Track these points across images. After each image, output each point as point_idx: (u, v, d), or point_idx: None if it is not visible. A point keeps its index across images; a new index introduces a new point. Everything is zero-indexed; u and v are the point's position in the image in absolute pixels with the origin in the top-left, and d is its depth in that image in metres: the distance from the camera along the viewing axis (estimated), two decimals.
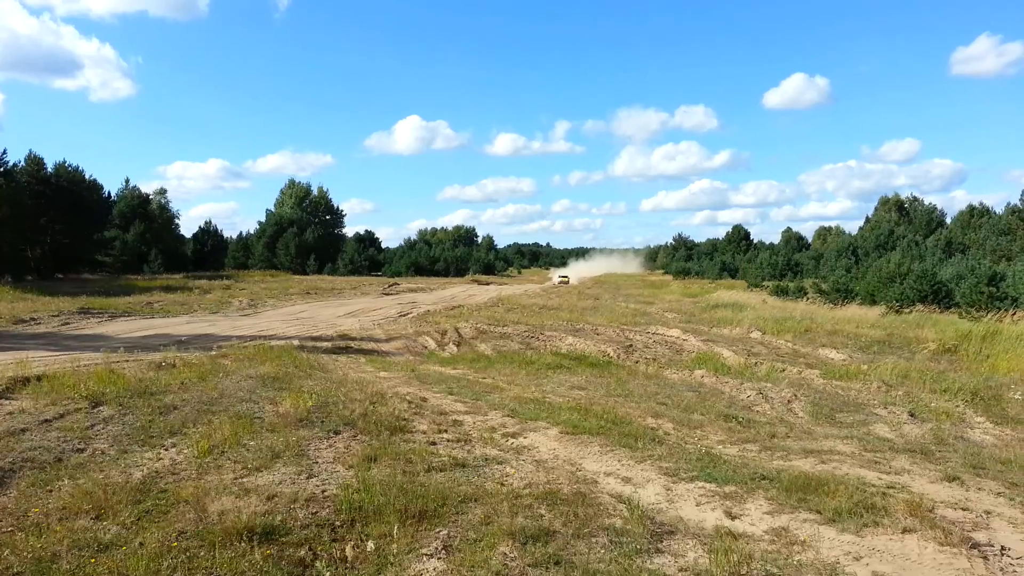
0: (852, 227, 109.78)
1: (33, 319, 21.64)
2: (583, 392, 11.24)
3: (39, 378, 9.88)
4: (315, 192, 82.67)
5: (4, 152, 47.45)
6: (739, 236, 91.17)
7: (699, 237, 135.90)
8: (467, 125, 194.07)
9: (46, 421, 7.85)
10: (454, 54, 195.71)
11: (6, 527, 5.01)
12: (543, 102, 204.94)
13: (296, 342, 16.61)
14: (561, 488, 5.96)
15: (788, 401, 11.46)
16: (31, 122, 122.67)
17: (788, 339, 20.05)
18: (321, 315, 26.67)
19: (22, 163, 49.51)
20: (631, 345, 17.82)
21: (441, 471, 6.42)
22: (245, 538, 4.76)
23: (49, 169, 51.12)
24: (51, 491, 5.77)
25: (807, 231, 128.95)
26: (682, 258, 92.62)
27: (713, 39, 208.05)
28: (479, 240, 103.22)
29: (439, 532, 5.04)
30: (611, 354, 16.46)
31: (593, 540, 4.88)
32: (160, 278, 51.41)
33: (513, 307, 28.69)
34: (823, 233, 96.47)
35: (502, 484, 6.09)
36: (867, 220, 74.98)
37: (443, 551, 4.73)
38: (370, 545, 4.78)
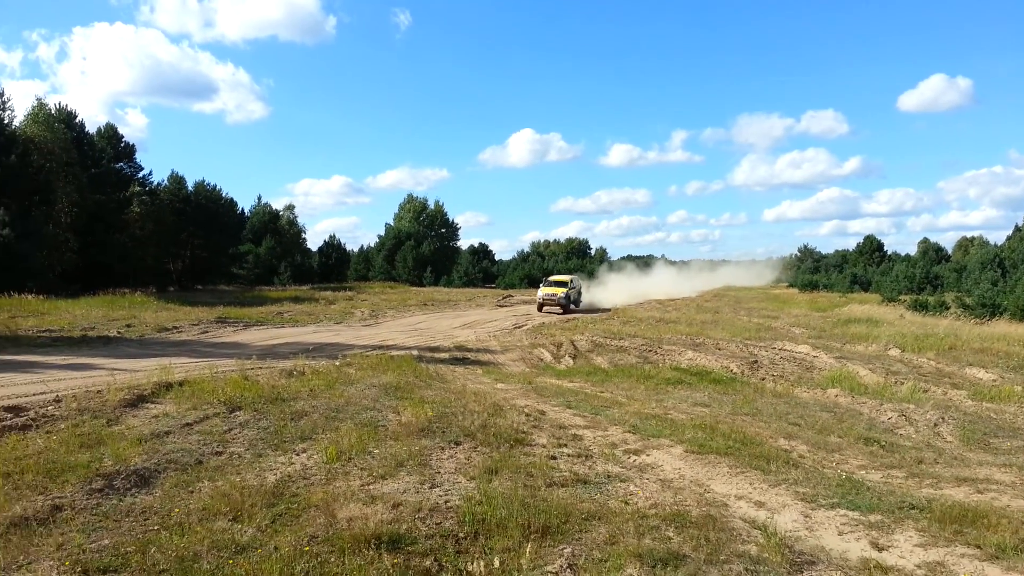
0: (997, 237, 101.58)
1: (175, 327, 23.19)
2: (707, 409, 10.82)
3: (181, 383, 10.52)
4: (431, 206, 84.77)
5: (149, 172, 51.70)
6: (872, 247, 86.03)
7: (826, 248, 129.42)
8: (580, 137, 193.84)
9: (188, 424, 8.32)
10: (568, 67, 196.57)
11: (152, 525, 5.28)
12: (659, 111, 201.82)
13: (415, 352, 16.96)
14: (689, 510, 5.70)
15: (935, 424, 10.60)
16: (173, 144, 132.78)
17: (930, 357, 18.63)
18: (438, 326, 27.21)
19: (165, 182, 53.61)
20: (756, 361, 17.08)
21: (563, 486, 6.30)
22: (373, 545, 4.81)
23: (189, 188, 55.00)
24: (192, 492, 6.06)
25: (947, 242, 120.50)
26: (808, 270, 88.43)
27: (844, 41, 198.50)
28: (592, 252, 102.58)
29: (563, 549, 4.91)
30: (735, 370, 15.84)
31: (727, 567, 4.61)
32: (289, 290, 54.12)
33: (629, 320, 28.23)
34: (964, 244, 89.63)
35: (626, 503, 5.90)
36: (1016, 230, 69.00)
37: (568, 570, 4.60)
38: (495, 561, 4.71)
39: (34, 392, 10.45)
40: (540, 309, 35.57)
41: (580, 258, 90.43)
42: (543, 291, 36.33)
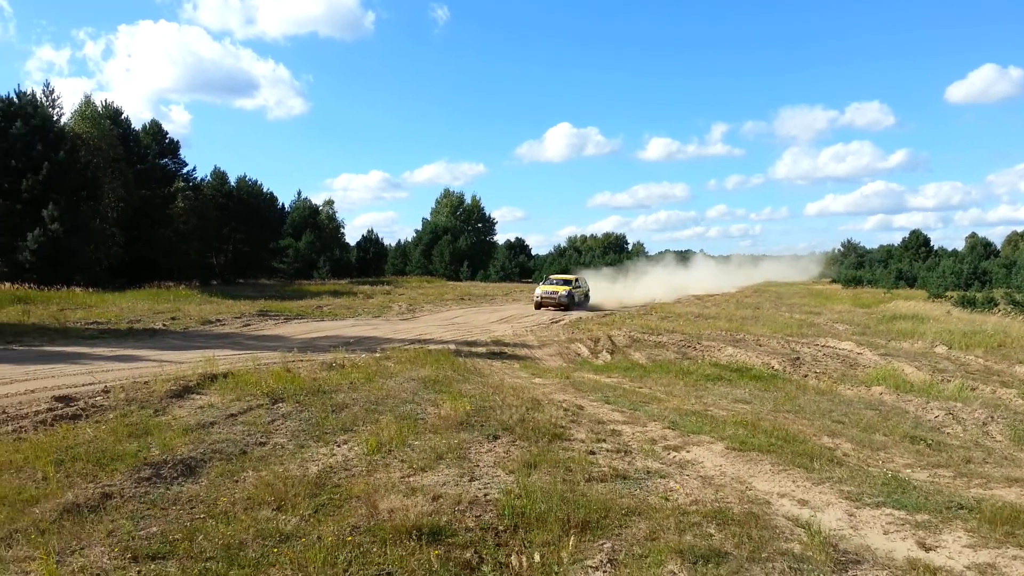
0: None
1: (218, 320, 23.64)
2: (748, 406, 10.68)
3: (225, 375, 10.72)
4: (468, 201, 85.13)
5: (193, 168, 52.95)
6: (917, 242, 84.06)
7: (871, 243, 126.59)
8: (618, 131, 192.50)
9: (232, 415, 8.47)
10: (605, 60, 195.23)
11: (198, 514, 5.39)
12: (698, 105, 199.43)
13: (452, 347, 17.05)
14: (731, 507, 5.63)
15: (983, 423, 10.32)
16: (215, 140, 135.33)
17: (978, 354, 18.14)
18: (475, 320, 27.32)
19: (208, 178, 54.63)
20: (798, 358, 16.80)
21: (602, 482, 6.27)
22: (414, 537, 4.84)
23: (231, 183, 55.97)
24: (237, 482, 6.17)
25: (996, 237, 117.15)
26: (852, 265, 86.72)
27: (890, 31, 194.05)
28: (629, 247, 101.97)
29: (603, 544, 4.89)
30: (776, 367, 15.60)
31: (770, 565, 4.54)
32: (328, 284, 54.81)
33: (667, 315, 27.99)
34: (1015, 239, 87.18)
35: (666, 499, 5.85)
36: None
37: (608, 564, 4.58)
38: (535, 555, 4.70)
39: (83, 383, 10.74)
40: (538, 307, 33.69)
41: (617, 253, 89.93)
42: (542, 288, 35.03)
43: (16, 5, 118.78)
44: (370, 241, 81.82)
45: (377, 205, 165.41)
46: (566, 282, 35.68)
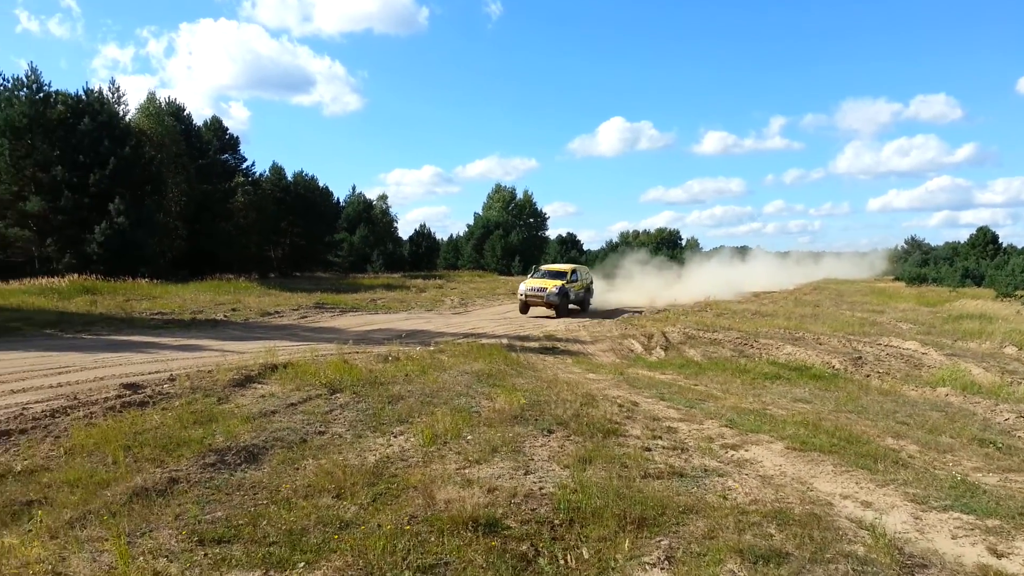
0: None
1: (277, 312, 24.18)
2: (808, 406, 10.44)
3: (285, 366, 10.95)
4: (520, 196, 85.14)
5: (252, 163, 54.05)
6: (985, 239, 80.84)
7: (935, 240, 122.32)
8: (672, 125, 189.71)
9: (292, 405, 8.65)
10: (660, 53, 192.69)
11: (261, 500, 5.52)
12: (756, 98, 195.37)
13: (505, 341, 17.08)
14: (792, 508, 5.51)
15: None
16: (273, 135, 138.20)
17: None
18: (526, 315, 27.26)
19: (266, 173, 55.90)
20: (860, 357, 16.34)
21: (658, 479, 6.21)
22: (471, 528, 4.88)
23: (289, 178, 57.11)
24: (297, 469, 6.30)
25: None
26: (916, 263, 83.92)
27: (958, 22, 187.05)
28: (683, 242, 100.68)
29: (660, 541, 4.84)
30: (837, 366, 15.20)
31: (833, 567, 4.44)
32: (381, 277, 55.51)
33: (723, 312, 27.50)
34: None
35: (724, 498, 5.76)
36: None
37: (666, 561, 4.54)
38: (592, 550, 4.69)
39: (150, 371, 11.11)
40: (524, 310, 26.72)
41: (670, 248, 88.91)
42: (529, 283, 26.90)
43: (84, 5, 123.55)
44: (422, 235, 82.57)
45: (429, 200, 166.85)
46: (558, 275, 27.50)
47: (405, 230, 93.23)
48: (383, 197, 78.59)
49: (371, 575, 4.26)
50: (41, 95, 35.80)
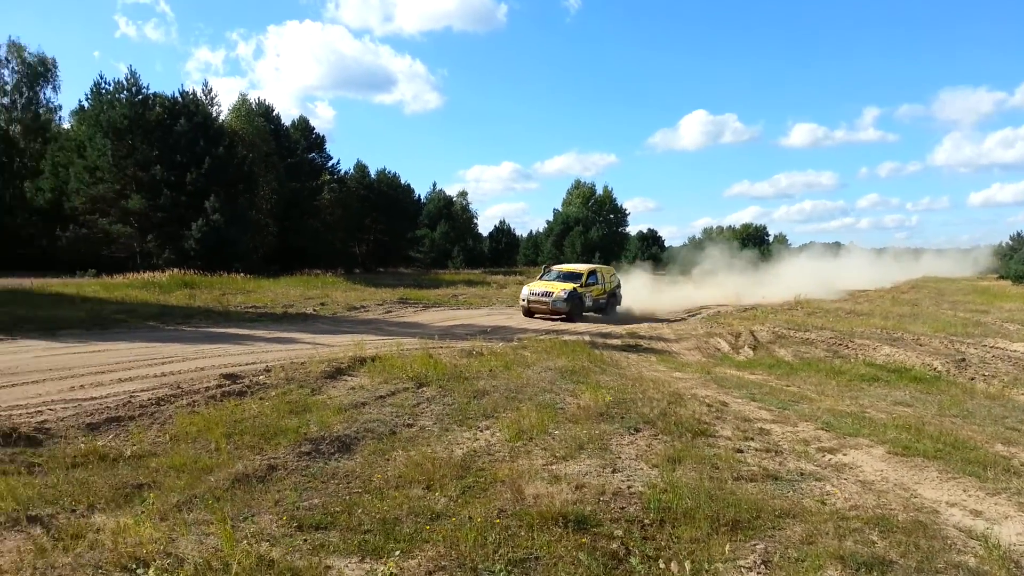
0: None
1: (362, 307, 24.78)
2: (909, 409, 9.96)
3: (373, 359, 11.20)
4: (600, 191, 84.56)
5: (337, 162, 55.84)
6: None
7: None
8: (758, 117, 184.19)
9: (381, 397, 8.85)
10: (744, 44, 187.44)
11: (355, 489, 5.66)
12: (848, 88, 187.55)
13: (587, 338, 16.99)
14: (895, 514, 5.27)
15: None
16: (356, 134, 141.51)
17: None
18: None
19: (351, 171, 57.39)
20: (964, 359, 15.48)
21: (751, 481, 6.04)
22: (560, 523, 4.86)
23: (372, 175, 58.48)
24: (388, 460, 6.42)
25: None
26: (1023, 260, 78.92)
27: None
28: (770, 238, 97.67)
29: (755, 545, 4.71)
30: (939, 368, 14.45)
31: None
32: (462, 273, 56.21)
33: (814, 311, 26.54)
34: None
35: (823, 503, 5.55)
36: None
37: (763, 565, 4.41)
38: (684, 551, 4.60)
39: (246, 362, 11.56)
40: (529, 315, 23.13)
41: (756, 245, 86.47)
42: (533, 287, 23.60)
43: (177, 10, 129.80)
44: (502, 231, 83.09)
45: (508, 196, 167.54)
46: (571, 277, 23.95)
47: (484, 226, 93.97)
48: (463, 194, 79.56)
49: (463, 566, 4.29)
50: (140, 97, 37.88)
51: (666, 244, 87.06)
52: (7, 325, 14.88)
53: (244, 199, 39.64)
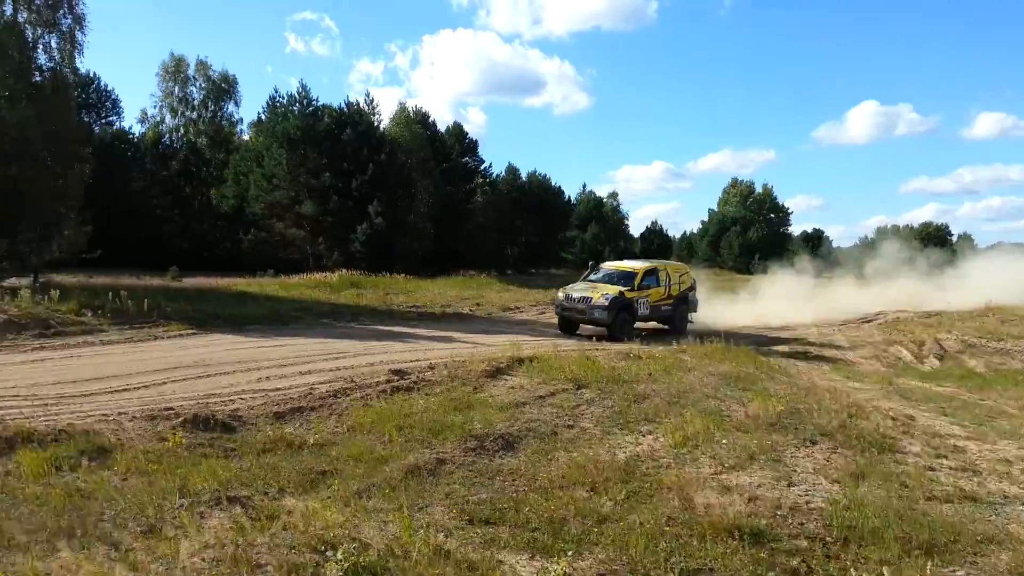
0: None
1: (516, 307, 25.18)
2: None
3: (530, 359, 11.29)
4: (759, 190, 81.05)
5: (489, 165, 56.83)
6: None
7: None
8: (937, 107, 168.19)
9: (540, 397, 8.91)
10: (919, 28, 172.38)
11: (520, 486, 5.73)
12: None
13: (751, 343, 16.29)
14: None
15: None
16: (506, 137, 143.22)
17: None
18: (772, 316, 25.70)
19: (502, 174, 58.52)
20: None
21: (946, 502, 5.55)
22: (734, 536, 4.67)
23: (523, 178, 59.31)
24: (551, 460, 6.45)
25: None
26: None
27: None
28: (953, 238, 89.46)
29: (955, 572, 4.32)
30: None
31: None
32: None
33: (1009, 318, 23.92)
34: None
35: None
36: None
37: None
38: (869, 572, 4.26)
39: (411, 359, 12.04)
40: (565, 328, 18.21)
41: (938, 245, 79.54)
42: (568, 290, 18.25)
43: (341, 25, 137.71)
44: (654, 232, 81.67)
45: (659, 196, 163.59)
46: (623, 278, 18.31)
47: (635, 227, 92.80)
48: (613, 194, 78.88)
49: (635, 572, 4.22)
50: (310, 109, 40.64)
51: (834, 245, 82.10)
52: (199, 321, 16.34)
53: (404, 203, 41.42)
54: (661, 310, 18.61)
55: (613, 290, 17.20)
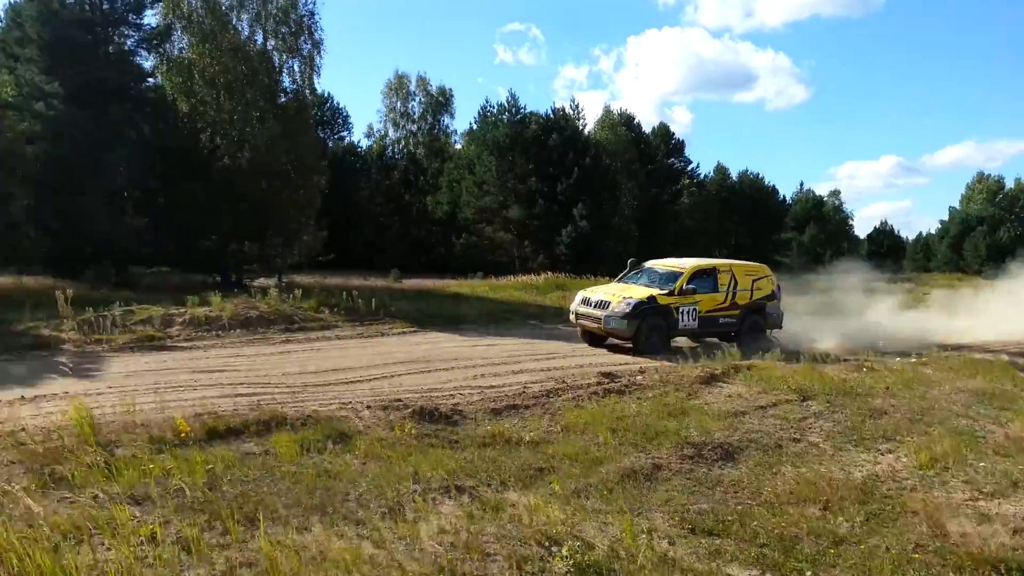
0: None
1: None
2: None
3: (748, 367, 10.77)
4: (1011, 185, 71.71)
5: (696, 165, 55.43)
6: None
7: None
8: None
9: (761, 407, 8.47)
10: None
11: (743, 499, 5.46)
12: None
13: (1005, 356, 14.34)
14: None
15: None
16: (714, 136, 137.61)
17: None
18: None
19: (711, 174, 56.69)
20: None
21: None
22: (999, 571, 4.17)
23: (733, 177, 57.06)
24: (776, 474, 6.09)
25: None
26: None
27: None
28: None
29: None
30: None
31: None
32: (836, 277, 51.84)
33: None
34: None
35: None
36: None
37: None
38: None
39: (620, 362, 12.00)
40: (594, 341, 14.60)
41: None
42: (585, 293, 14.88)
43: (547, 33, 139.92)
44: (883, 233, 75.15)
45: (889, 194, 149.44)
46: (664, 279, 14.53)
47: (861, 228, 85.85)
48: (835, 193, 73.73)
49: None
50: (518, 117, 42.07)
51: None
52: (419, 320, 17.39)
53: (608, 206, 41.54)
54: (719, 322, 14.57)
55: (641, 293, 13.67)
